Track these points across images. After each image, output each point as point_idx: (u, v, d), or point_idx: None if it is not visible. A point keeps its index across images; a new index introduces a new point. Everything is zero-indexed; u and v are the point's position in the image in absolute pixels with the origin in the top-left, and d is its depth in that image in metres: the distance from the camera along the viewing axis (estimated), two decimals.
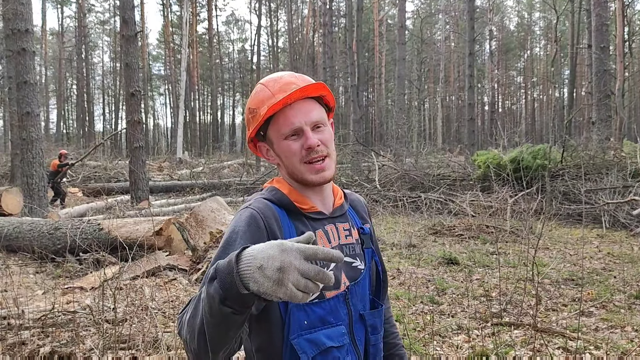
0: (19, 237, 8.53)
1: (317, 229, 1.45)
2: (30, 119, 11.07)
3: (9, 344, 4.25)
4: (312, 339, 1.35)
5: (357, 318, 1.46)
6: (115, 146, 42.76)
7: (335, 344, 1.38)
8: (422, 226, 10.54)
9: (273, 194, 1.47)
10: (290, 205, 1.45)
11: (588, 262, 7.39)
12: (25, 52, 11.04)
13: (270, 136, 1.47)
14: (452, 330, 4.80)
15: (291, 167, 1.45)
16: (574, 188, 11.51)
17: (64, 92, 55.40)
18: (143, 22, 48.20)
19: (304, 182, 1.46)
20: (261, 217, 1.37)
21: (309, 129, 1.43)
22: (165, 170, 25.52)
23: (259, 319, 1.35)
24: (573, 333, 4.45)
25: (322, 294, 1.39)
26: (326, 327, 1.38)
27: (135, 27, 14.83)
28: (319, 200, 1.50)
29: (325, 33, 28.86)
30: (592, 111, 18.47)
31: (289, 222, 1.42)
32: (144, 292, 5.86)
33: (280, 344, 1.35)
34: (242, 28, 69.24)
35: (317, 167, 1.43)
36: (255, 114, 1.46)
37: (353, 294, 1.46)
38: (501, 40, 59.38)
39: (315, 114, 1.45)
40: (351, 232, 1.53)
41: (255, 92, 1.48)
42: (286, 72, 1.52)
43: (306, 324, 1.36)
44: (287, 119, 1.42)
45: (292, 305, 1.34)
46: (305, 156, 1.43)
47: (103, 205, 13.87)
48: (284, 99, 1.39)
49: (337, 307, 1.41)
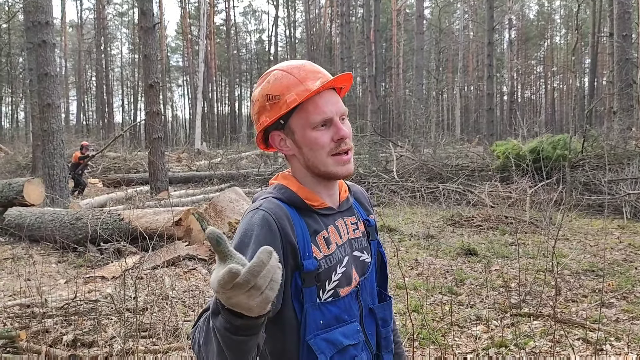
0: (41, 227, 8.66)
1: (328, 224, 1.42)
2: (51, 111, 11.20)
3: (33, 331, 4.33)
4: (329, 338, 1.34)
5: (367, 313, 1.46)
6: (135, 137, 43.05)
7: (351, 342, 1.37)
8: (440, 217, 10.50)
9: (282, 192, 1.41)
10: (300, 203, 1.40)
11: (609, 253, 7.32)
12: (45, 45, 11.16)
13: (292, 125, 1.40)
14: (471, 321, 4.79)
15: (314, 159, 1.39)
16: (594, 178, 11.37)
17: (83, 83, 55.89)
18: (161, 14, 48.40)
19: (327, 175, 1.40)
20: (274, 219, 1.31)
21: (339, 119, 1.39)
22: (184, 161, 25.66)
23: (273, 321, 1.31)
24: (593, 324, 4.42)
25: (336, 292, 1.37)
26: (341, 325, 1.37)
27: (154, 19, 14.90)
28: (327, 196, 1.46)
29: (343, 23, 28.74)
30: (614, 100, 18.21)
31: (300, 220, 1.38)
32: (164, 282, 5.92)
33: (296, 345, 1.33)
34: (259, 19, 69.13)
35: (344, 159, 1.39)
36: (277, 101, 1.38)
37: (363, 289, 1.46)
38: (521, 29, 58.67)
39: (341, 105, 1.42)
40: (358, 225, 1.52)
41: (277, 79, 1.40)
42: (305, 61, 1.47)
43: (322, 324, 1.34)
44: (319, 107, 1.37)
45: (307, 305, 1.32)
46: (334, 148, 1.38)
47: (123, 195, 14.01)
48: (319, 88, 1.35)
49: (350, 304, 1.40)
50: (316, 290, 1.34)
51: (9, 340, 4.04)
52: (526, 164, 12.17)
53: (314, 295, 1.33)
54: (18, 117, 54.50)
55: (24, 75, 31.78)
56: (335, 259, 1.39)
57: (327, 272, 1.36)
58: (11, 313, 4.81)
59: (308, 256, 1.33)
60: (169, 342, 4.26)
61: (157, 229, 7.45)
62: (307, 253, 1.34)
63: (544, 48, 63.07)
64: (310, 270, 1.33)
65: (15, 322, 4.61)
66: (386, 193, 13.17)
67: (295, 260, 1.32)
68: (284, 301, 1.31)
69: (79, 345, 4.22)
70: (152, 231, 7.30)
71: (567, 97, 57.06)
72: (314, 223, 1.39)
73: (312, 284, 1.33)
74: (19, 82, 45.15)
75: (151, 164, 14.45)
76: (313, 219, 1.40)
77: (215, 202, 7.95)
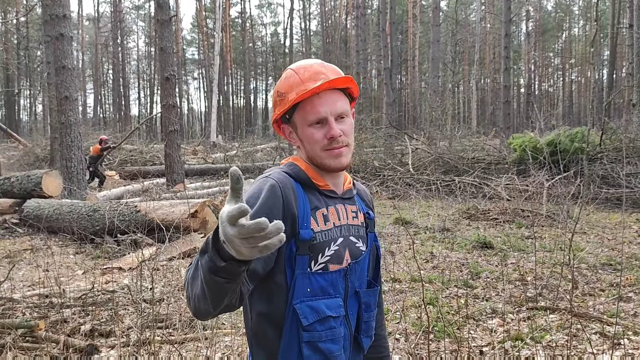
0: (59, 218, 8.76)
1: (329, 205, 1.55)
2: (68, 103, 11.28)
3: (52, 321, 4.38)
4: (313, 305, 1.46)
5: (352, 294, 1.56)
6: (151, 130, 43.33)
7: (333, 314, 1.48)
8: (456, 210, 10.46)
9: (291, 168, 1.56)
10: (307, 180, 1.53)
11: (627, 246, 7.25)
12: (63, 37, 11.23)
13: (295, 120, 1.55)
14: (487, 314, 4.77)
15: (312, 152, 1.53)
16: (612, 172, 11.25)
17: (100, 76, 56.27)
18: (177, 7, 48.52)
19: (322, 166, 1.54)
20: (279, 186, 1.45)
21: (333, 120, 1.51)
22: (200, 154, 25.77)
23: (265, 281, 1.44)
24: (611, 318, 4.38)
25: (326, 266, 1.48)
26: (326, 297, 1.48)
27: (170, 12, 14.94)
28: (331, 182, 1.58)
29: (358, 15, 28.63)
30: (633, 93, 17.96)
31: (304, 194, 1.50)
32: (180, 273, 5.96)
33: (283, 308, 1.45)
34: (274, 11, 69.35)
35: (335, 153, 1.51)
36: (283, 98, 1.54)
37: (353, 271, 1.55)
38: (538, 21, 58.01)
39: (340, 106, 1.52)
40: (357, 215, 1.63)
41: (286, 77, 1.56)
42: (316, 61, 1.60)
43: (309, 292, 1.46)
44: (314, 107, 1.50)
45: (298, 272, 1.44)
46: (326, 145, 1.50)
47: (139, 188, 14.11)
48: (314, 89, 1.47)
49: (337, 280, 1.51)
50: (308, 260, 1.46)
51: (28, 330, 4.10)
52: (543, 157, 12.06)
53: (305, 264, 1.45)
54: (36, 110, 55.14)
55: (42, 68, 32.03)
56: (330, 235, 1.51)
57: (321, 246, 1.48)
58: (30, 303, 4.87)
59: (305, 226, 1.46)
60: (185, 332, 4.29)
61: (173, 220, 7.50)
62: (305, 223, 1.46)
63: (562, 40, 62.35)
64: (305, 239, 1.45)
65: (34, 312, 4.66)
66: (401, 186, 13.13)
67: (293, 228, 1.44)
68: (278, 264, 1.44)
69: (97, 335, 4.26)
70: (168, 223, 7.35)
71: (585, 90, 56.39)
72: (316, 200, 1.53)
73: (306, 253, 1.45)
74: (36, 75, 45.59)
75: (167, 156, 14.53)
76: (316, 197, 1.54)
77: None
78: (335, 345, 1.50)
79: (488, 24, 52.66)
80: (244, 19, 58.66)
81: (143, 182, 14.80)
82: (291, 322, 1.45)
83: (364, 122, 19.21)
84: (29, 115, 55.56)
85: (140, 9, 60.08)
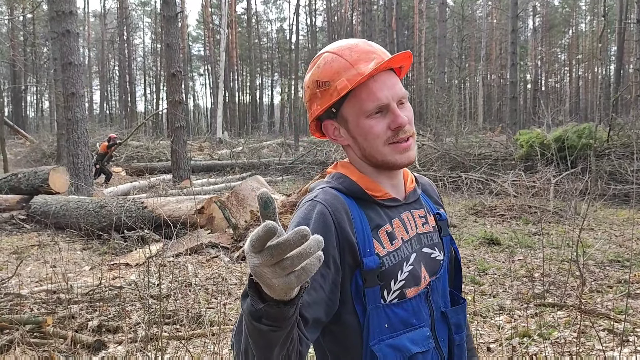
0: (67, 214, 8.79)
1: (392, 217, 1.28)
2: (75, 100, 11.32)
3: (60, 317, 4.40)
4: (395, 344, 1.20)
5: (439, 317, 1.31)
6: (157, 126, 43.38)
7: (420, 349, 1.23)
8: (462, 206, 10.43)
9: (341, 181, 1.29)
10: (361, 194, 1.27)
11: (635, 243, 7.21)
12: (69, 34, 11.26)
13: (344, 114, 1.28)
14: (494, 311, 4.75)
15: (370, 148, 1.26)
16: (620, 168, 11.20)
17: (106, 73, 56.39)
18: (183, 3, 48.57)
19: (386, 164, 1.28)
20: (329, 211, 1.19)
21: (396, 105, 1.25)
22: (206, 150, 25.81)
23: (334, 322, 1.21)
24: (619, 315, 4.36)
25: (403, 293, 1.24)
26: (409, 329, 1.23)
27: (176, 8, 14.96)
28: (391, 186, 1.32)
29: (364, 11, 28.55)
30: None
31: (360, 211, 1.25)
32: (187, 269, 5.97)
33: (359, 351, 1.21)
34: (280, 7, 69.27)
35: (403, 146, 1.25)
36: (327, 88, 1.26)
37: (434, 290, 1.31)
38: (545, 17, 57.77)
39: (399, 88, 1.27)
40: (427, 219, 1.37)
41: (326, 62, 1.27)
42: (357, 39, 1.32)
43: (387, 328, 1.21)
44: (372, 93, 1.23)
45: (370, 308, 1.20)
46: (391, 137, 1.25)
47: (146, 184, 14.14)
48: (372, 71, 1.21)
49: (419, 306, 1.26)
50: (380, 291, 1.21)
51: (36, 326, 4.12)
52: (550, 153, 12.01)
53: (377, 296, 1.21)
54: (43, 107, 55.36)
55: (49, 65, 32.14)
56: (400, 255, 1.26)
57: (392, 271, 1.23)
58: (38, 299, 4.89)
59: (369, 253, 1.21)
60: (192, 328, 4.30)
61: (179, 217, 7.51)
62: (368, 249, 1.21)
63: (569, 35, 62.04)
64: (372, 268, 1.20)
65: (42, 308, 4.68)
66: None
67: (355, 258, 1.19)
68: (344, 303, 1.20)
69: (104, 330, 4.27)
70: (175, 219, 7.36)
71: (592, 85, 56.13)
72: (375, 216, 1.27)
73: (375, 283, 1.20)
74: (43, 71, 45.72)
75: (173, 152, 14.56)
76: (375, 212, 1.27)
77: (237, 190, 7.98)
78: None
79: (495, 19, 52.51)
80: (250, 15, 58.58)
81: (149, 179, 14.84)
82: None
83: None
84: (35, 111, 55.76)
85: (146, 6, 60.16)
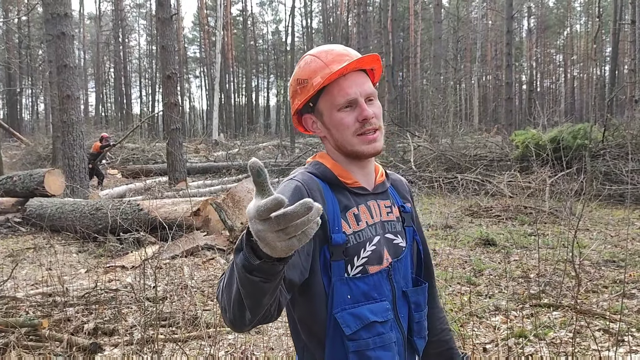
0: (62, 217, 8.77)
1: (359, 203, 1.45)
2: (70, 102, 11.29)
3: (55, 320, 4.39)
4: (355, 313, 1.36)
5: (400, 295, 1.46)
6: (153, 128, 43.34)
7: (379, 319, 1.38)
8: (458, 207, 10.45)
9: (317, 167, 1.47)
10: (333, 179, 1.45)
11: (630, 243, 7.23)
12: (64, 36, 11.24)
13: (320, 108, 1.46)
14: (490, 311, 4.76)
15: (341, 139, 1.44)
16: (615, 168, 11.22)
17: (102, 75, 56.27)
18: (178, 5, 48.51)
19: (354, 154, 1.45)
20: (305, 188, 1.36)
21: (364, 101, 1.42)
22: (202, 152, 25.79)
23: (303, 291, 1.36)
24: (615, 315, 4.37)
25: (365, 269, 1.39)
26: (370, 302, 1.38)
27: (171, 10, 14.94)
28: (361, 176, 1.49)
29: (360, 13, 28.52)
30: (635, 89, 17.93)
31: (332, 195, 1.42)
32: (183, 271, 5.97)
33: (324, 317, 1.37)
34: (276, 9, 69.11)
35: (369, 138, 1.43)
36: (305, 85, 1.45)
37: (396, 271, 1.46)
38: (540, 17, 57.91)
39: (368, 86, 1.45)
40: (392, 209, 1.53)
41: (306, 63, 1.47)
42: (336, 45, 1.51)
43: (349, 299, 1.36)
44: (343, 89, 1.41)
45: (335, 280, 1.35)
46: (359, 128, 1.42)
47: (142, 186, 14.10)
48: (342, 69, 1.38)
49: (380, 282, 1.41)
50: (344, 265, 1.37)
51: (31, 329, 4.10)
52: (546, 153, 12.04)
53: (342, 270, 1.37)
54: (38, 109, 55.18)
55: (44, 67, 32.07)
56: (364, 236, 1.41)
57: (356, 248, 1.39)
58: (33, 302, 4.88)
59: (337, 230, 1.37)
60: (188, 330, 4.30)
61: (175, 219, 7.50)
62: (337, 227, 1.37)
63: (564, 36, 62.22)
64: (339, 243, 1.36)
65: (37, 311, 4.67)
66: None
67: (325, 233, 1.35)
68: (313, 273, 1.34)
69: (100, 333, 4.27)
70: (171, 221, 7.35)
71: (587, 86, 56.26)
72: (345, 199, 1.43)
73: (340, 258, 1.36)
74: (38, 74, 45.55)
75: (169, 154, 14.54)
76: (345, 196, 1.44)
77: (233, 192, 7.97)
78: (387, 352, 1.39)
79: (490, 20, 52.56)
80: (245, 16, 58.62)
81: (145, 181, 14.80)
82: (334, 333, 1.36)
83: None
84: (31, 114, 55.64)
85: (142, 7, 60.04)
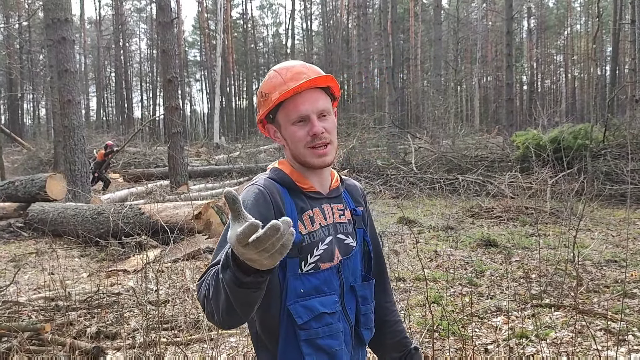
0: (64, 221, 8.78)
1: (314, 206, 1.60)
2: (71, 107, 11.31)
3: (58, 324, 4.40)
4: (306, 305, 1.50)
5: (348, 289, 1.61)
6: (154, 132, 43.30)
7: (327, 311, 1.53)
8: (459, 208, 10.45)
9: (276, 173, 1.61)
10: (291, 184, 1.58)
11: (631, 243, 7.23)
12: (65, 41, 11.25)
13: (278, 120, 1.60)
14: (491, 312, 4.77)
15: (295, 150, 1.58)
16: (616, 168, 11.22)
17: (102, 79, 56.30)
18: (179, 9, 48.55)
19: (306, 164, 1.58)
20: (267, 192, 1.51)
21: (316, 117, 1.55)
22: (203, 156, 25.80)
23: None
24: (616, 315, 4.38)
25: (317, 266, 1.54)
26: (320, 295, 1.53)
27: (171, 14, 14.97)
28: (317, 181, 1.63)
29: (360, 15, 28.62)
30: (636, 89, 17.92)
31: (290, 199, 1.56)
32: (185, 275, 5.98)
33: (278, 309, 1.50)
34: (276, 12, 69.19)
35: (319, 152, 1.56)
36: (267, 98, 1.59)
37: (345, 267, 1.61)
38: (540, 18, 57.89)
39: (322, 104, 1.57)
40: (344, 212, 1.68)
41: (269, 78, 1.60)
42: (298, 62, 1.64)
43: (302, 292, 1.50)
44: (296, 106, 1.55)
45: (289, 275, 1.49)
46: (309, 142, 1.55)
47: (143, 190, 14.12)
48: (295, 87, 1.52)
49: (330, 278, 1.56)
50: (298, 262, 1.52)
51: (34, 333, 4.12)
52: (547, 154, 12.03)
53: (296, 266, 1.51)
54: (39, 114, 55.20)
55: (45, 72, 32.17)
56: (317, 236, 1.56)
57: (310, 247, 1.54)
58: (36, 306, 4.89)
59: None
60: (190, 334, 4.31)
61: (177, 222, 7.52)
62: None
63: (564, 37, 62.16)
64: (295, 242, 1.41)
65: (40, 315, 4.68)
66: (405, 185, 13.13)
67: None
68: None
69: (103, 337, 4.28)
70: (173, 225, 7.36)
71: (587, 86, 56.16)
72: (301, 202, 1.58)
73: (295, 255, 1.50)
74: (40, 79, 45.62)
75: (171, 158, 14.55)
76: (301, 199, 1.59)
77: None
78: (335, 341, 1.54)
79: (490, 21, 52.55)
80: (246, 20, 58.72)
81: (147, 184, 14.82)
82: (287, 323, 1.49)
83: (366, 122, 19.19)
84: (32, 119, 55.66)
85: (142, 12, 60.10)
